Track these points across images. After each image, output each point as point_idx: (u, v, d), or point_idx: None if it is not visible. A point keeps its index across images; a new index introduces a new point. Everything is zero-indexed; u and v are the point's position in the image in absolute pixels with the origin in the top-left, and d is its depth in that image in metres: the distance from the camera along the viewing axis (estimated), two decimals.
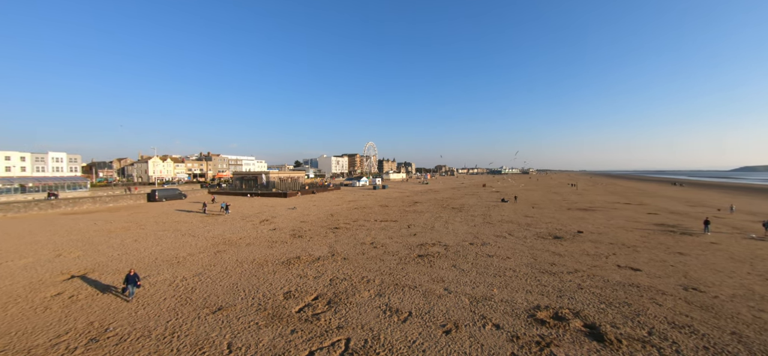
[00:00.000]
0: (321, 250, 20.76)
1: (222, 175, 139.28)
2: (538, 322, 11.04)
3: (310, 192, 68.57)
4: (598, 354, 9.20)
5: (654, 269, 17.15)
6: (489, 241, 23.57)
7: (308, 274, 16.01)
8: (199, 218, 34.14)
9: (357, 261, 18.40)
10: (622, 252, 20.81)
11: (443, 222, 32.01)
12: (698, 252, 20.71)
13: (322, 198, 58.19)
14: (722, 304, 12.66)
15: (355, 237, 24.92)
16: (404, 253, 20.04)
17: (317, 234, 26.07)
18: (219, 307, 12.23)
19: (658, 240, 24.33)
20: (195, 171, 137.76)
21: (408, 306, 12.28)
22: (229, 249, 20.85)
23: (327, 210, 41.81)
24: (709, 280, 15.43)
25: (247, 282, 14.93)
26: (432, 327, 10.70)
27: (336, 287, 14.29)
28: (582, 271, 16.65)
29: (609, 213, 40.00)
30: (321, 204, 49.22)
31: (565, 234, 26.62)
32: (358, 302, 12.69)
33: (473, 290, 13.95)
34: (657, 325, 10.88)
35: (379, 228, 28.89)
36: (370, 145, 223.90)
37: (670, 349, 9.45)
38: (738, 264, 18.25)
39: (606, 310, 12.02)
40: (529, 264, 17.79)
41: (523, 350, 9.39)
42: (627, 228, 29.80)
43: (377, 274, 16.03)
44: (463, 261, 18.26)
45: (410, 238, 24.48)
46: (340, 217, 35.23)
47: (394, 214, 37.93)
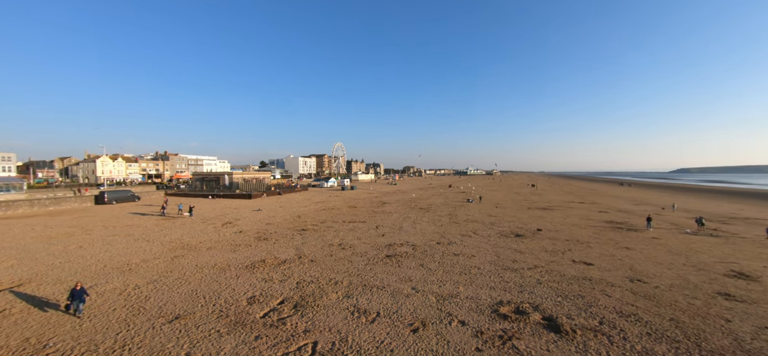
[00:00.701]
0: (287, 253, 20.24)
1: (180, 175, 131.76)
2: (501, 317, 11.49)
3: (276, 194, 66.70)
4: (555, 345, 9.72)
5: (604, 263, 18.46)
6: (455, 240, 24.19)
7: (274, 278, 15.54)
8: (155, 221, 32.02)
9: (325, 263, 18.14)
10: (576, 248, 22.20)
11: (411, 223, 32.42)
12: (642, 247, 22.57)
13: (288, 200, 56.80)
14: (662, 293, 13.88)
15: (323, 238, 24.57)
16: (372, 254, 20.04)
17: (283, 236, 25.40)
18: (176, 316, 11.53)
19: (608, 236, 26.24)
20: (150, 171, 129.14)
21: (376, 307, 12.29)
22: (188, 254, 19.75)
23: (294, 211, 40.88)
24: (651, 272, 16.87)
25: (208, 288, 14.22)
26: (400, 327, 10.79)
27: (303, 290, 13.99)
28: (541, 267, 17.55)
29: (565, 212, 42.54)
30: (287, 205, 48.04)
31: (525, 232, 27.94)
32: (326, 304, 12.51)
33: (440, 288, 14.24)
34: (607, 315, 11.72)
35: (348, 229, 28.70)
36: (339, 146, 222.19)
37: (618, 336, 10.21)
38: (675, 256, 20.11)
39: (562, 303, 12.75)
40: (492, 262, 18.47)
41: (487, 345, 9.72)
42: (581, 225, 31.85)
43: (345, 276, 15.90)
44: (430, 261, 18.59)
45: (378, 239, 24.54)
46: (307, 219, 34.58)
47: (362, 215, 37.85)
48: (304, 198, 59.96)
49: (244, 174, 77.83)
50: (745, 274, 16.57)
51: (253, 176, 78.90)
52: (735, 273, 16.84)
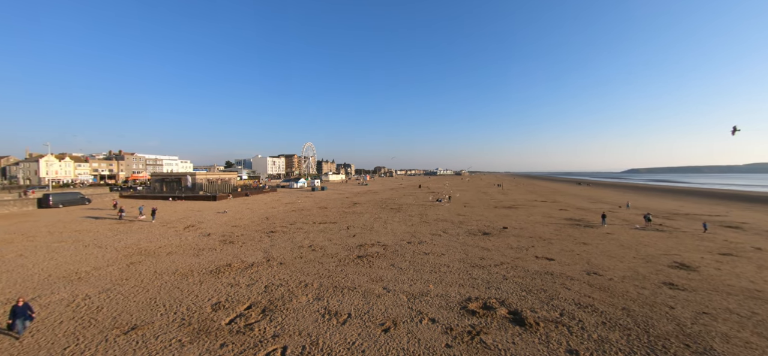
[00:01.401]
0: (255, 256, 19.60)
1: (138, 176, 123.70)
2: (470, 313, 11.80)
3: (243, 195, 64.41)
4: (520, 337, 10.14)
5: (564, 258, 19.52)
6: (425, 240, 24.57)
7: (240, 282, 14.99)
8: (108, 226, 29.81)
9: (294, 265, 17.75)
10: (539, 244, 23.30)
11: (382, 223, 32.52)
12: (598, 242, 24.11)
13: (256, 201, 55.03)
14: (615, 285, 14.90)
15: (293, 240, 24.04)
16: (344, 255, 19.89)
17: (251, 239, 24.57)
18: (132, 326, 10.80)
19: (568, 233, 27.78)
20: (103, 172, 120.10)
21: (347, 308, 12.20)
22: (146, 260, 18.56)
23: (262, 213, 39.66)
24: (606, 265, 18.05)
25: (168, 295, 13.44)
26: (371, 327, 10.78)
27: (271, 294, 13.60)
28: (507, 263, 18.25)
29: (529, 210, 44.54)
30: (255, 207, 46.53)
31: (492, 230, 28.93)
32: (296, 308, 12.24)
33: (411, 287, 14.40)
34: (567, 307, 12.39)
35: (318, 230, 28.28)
36: (309, 146, 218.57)
37: (577, 327, 10.83)
38: (627, 250, 21.66)
39: (526, 297, 13.33)
40: (461, 260, 18.95)
41: (457, 340, 9.95)
42: (543, 223, 33.48)
43: (316, 278, 15.65)
44: (401, 260, 18.74)
45: (349, 239, 24.39)
46: (276, 220, 33.69)
47: (333, 216, 37.47)
48: (272, 200, 58.34)
49: (208, 174, 74.41)
50: (686, 265, 18.18)
51: (218, 177, 75.73)
52: (677, 264, 18.43)
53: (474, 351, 9.41)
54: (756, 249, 22.39)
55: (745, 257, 20.14)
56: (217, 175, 78.33)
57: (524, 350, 9.45)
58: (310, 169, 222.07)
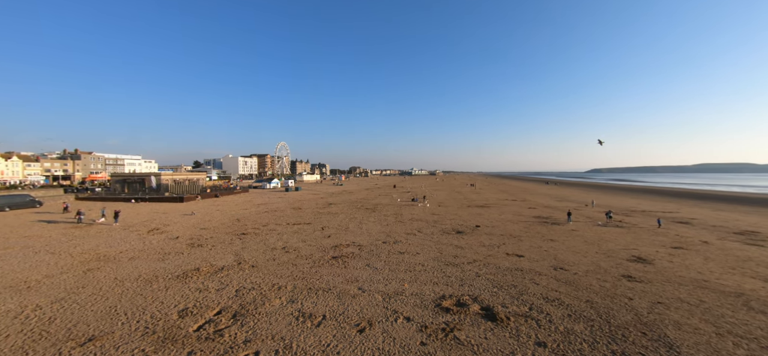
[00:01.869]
0: (225, 259, 18.92)
1: (96, 177, 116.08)
2: (444, 310, 12.00)
3: (212, 196, 62.06)
4: (492, 332, 10.42)
5: (533, 254, 20.29)
6: (400, 239, 24.73)
7: (209, 287, 14.41)
8: (62, 230, 27.75)
9: (267, 267, 17.31)
10: (510, 241, 24.08)
11: (357, 223, 32.41)
12: (564, 238, 25.26)
13: (227, 202, 53.19)
14: (580, 279, 15.67)
15: (265, 242, 23.43)
16: (318, 256, 19.63)
17: (221, 241, 23.70)
18: (90, 337, 10.10)
19: (536, 230, 28.91)
20: (57, 172, 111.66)
21: (322, 310, 12.04)
22: (105, 267, 17.44)
23: (233, 214, 38.38)
24: (571, 260, 18.94)
25: (130, 303, 12.69)
26: (346, 328, 10.70)
27: (243, 298, 13.18)
28: (479, 261, 18.71)
29: (500, 209, 45.95)
30: (226, 208, 44.95)
31: (465, 228, 29.59)
32: (269, 311, 11.93)
33: (386, 287, 14.43)
34: (535, 301, 12.88)
35: (292, 231, 27.75)
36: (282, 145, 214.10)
37: (545, 320, 11.28)
38: (590, 246, 22.85)
39: (498, 293, 13.73)
40: (435, 258, 19.23)
41: (431, 338, 10.08)
42: (513, 221, 34.65)
43: (289, 280, 15.34)
44: (376, 260, 18.75)
45: (324, 240, 24.11)
46: (247, 222, 32.71)
47: (307, 217, 36.89)
48: (244, 201, 56.61)
49: (174, 175, 71.03)
50: (643, 259, 19.43)
51: (186, 177, 72.54)
52: (635, 257, 19.65)
53: (448, 347, 9.57)
54: (703, 242, 24.31)
55: (693, 250, 21.81)
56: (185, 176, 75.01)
57: (496, 344, 9.73)
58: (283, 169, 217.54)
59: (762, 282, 15.41)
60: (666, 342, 9.91)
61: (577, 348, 9.58)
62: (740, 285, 14.87)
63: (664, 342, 9.86)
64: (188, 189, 62.25)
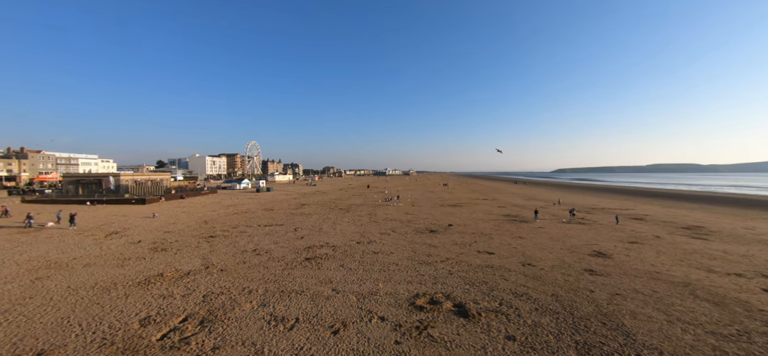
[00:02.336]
0: (192, 263, 18.10)
1: (46, 177, 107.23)
2: (417, 309, 12.13)
3: (178, 197, 59.19)
4: (464, 328, 10.67)
5: (503, 251, 20.99)
6: (375, 239, 24.75)
7: (174, 293, 13.72)
8: (5, 236, 25.39)
9: (237, 271, 16.73)
10: (481, 239, 24.76)
11: (331, 224, 32.09)
12: (531, 235, 26.32)
13: (193, 204, 50.91)
14: (546, 274, 16.38)
15: (235, 244, 22.65)
16: (291, 258, 19.23)
17: (187, 245, 22.63)
18: (38, 352, 9.31)
19: (506, 228, 29.92)
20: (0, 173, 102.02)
21: (295, 313, 11.81)
22: (57, 274, 16.15)
23: (200, 216, 36.79)
24: (538, 256, 19.77)
25: (85, 313, 11.83)
26: (320, 330, 10.56)
27: (211, 303, 12.66)
28: (452, 259, 19.10)
29: (472, 208, 47.14)
30: (192, 210, 43.01)
31: (439, 227, 30.10)
32: (239, 316, 11.54)
33: (360, 287, 14.39)
34: (505, 297, 13.33)
35: (263, 233, 27.01)
36: (253, 145, 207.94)
37: (514, 314, 11.70)
38: (555, 242, 23.95)
39: (470, 290, 14.07)
40: (409, 257, 19.41)
41: (405, 336, 10.16)
42: (484, 219, 35.66)
43: (261, 283, 14.91)
44: (350, 261, 18.65)
45: (297, 241, 23.67)
46: (216, 224, 31.47)
47: (279, 218, 36.06)
48: (212, 202, 54.42)
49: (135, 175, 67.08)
50: (603, 253, 20.63)
51: (148, 177, 68.75)
52: (596, 252, 20.83)
53: (422, 345, 9.69)
54: (655, 237, 26.19)
55: (647, 244, 23.44)
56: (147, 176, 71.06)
57: (468, 340, 9.96)
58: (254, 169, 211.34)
59: (706, 272, 16.83)
60: (623, 330, 10.58)
61: (544, 339, 10.01)
62: (687, 276, 16.16)
63: (621, 331, 10.51)
64: (151, 190, 58.94)
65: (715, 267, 17.80)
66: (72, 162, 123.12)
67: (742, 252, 21.28)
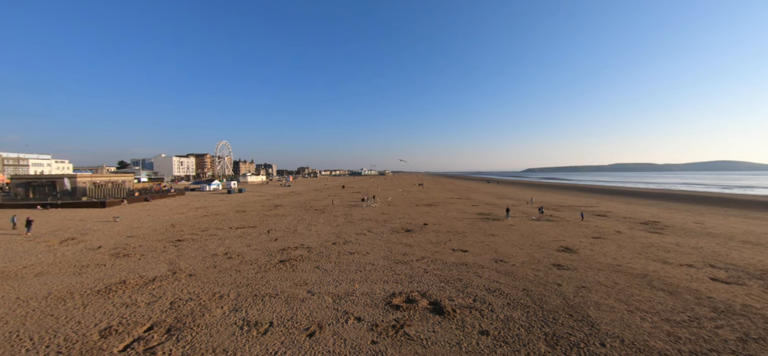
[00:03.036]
0: (157, 269, 17.22)
1: None
2: (394, 308, 12.19)
3: (142, 200, 56.17)
4: (439, 325, 10.82)
5: (476, 249, 21.50)
6: (351, 239, 24.62)
7: (138, 301, 12.99)
8: None
9: (207, 276, 16.09)
10: (455, 238, 25.25)
11: (306, 225, 31.60)
12: (503, 233, 27.15)
13: (159, 206, 48.49)
14: (517, 270, 16.95)
15: (205, 248, 21.78)
16: (264, 260, 18.75)
17: (152, 249, 21.52)
18: None
19: (479, 226, 30.68)
20: None
21: (269, 317, 11.51)
22: (3, 285, 14.85)
23: (166, 220, 35.08)
24: (510, 253, 20.42)
25: (38, 325, 10.96)
26: (295, 333, 10.36)
27: (179, 310, 12.10)
28: (427, 257, 19.34)
29: (446, 207, 47.97)
30: (158, 213, 40.95)
31: (414, 227, 30.39)
32: (209, 322, 11.10)
33: (336, 288, 14.26)
34: (478, 293, 13.66)
35: (235, 235, 26.16)
36: (223, 144, 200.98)
37: (488, 309, 12.02)
38: (525, 239, 24.83)
39: (445, 287, 14.31)
40: (385, 257, 19.46)
41: (382, 335, 10.17)
42: (458, 218, 36.39)
43: (232, 287, 14.43)
44: (326, 262, 18.44)
45: (271, 244, 23.11)
46: (184, 227, 30.13)
47: (252, 220, 35.07)
48: (180, 204, 52.07)
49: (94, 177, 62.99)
50: (569, 248, 21.62)
51: (109, 179, 64.77)
52: (563, 248, 21.80)
53: (398, 344, 9.74)
54: (617, 232, 27.78)
55: (609, 239, 24.81)
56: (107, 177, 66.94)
57: (443, 336, 10.12)
58: (225, 170, 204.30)
59: (661, 264, 18.04)
60: (588, 321, 11.13)
61: (516, 333, 10.35)
62: (645, 268, 17.25)
63: (586, 322, 11.06)
64: (112, 192, 55.47)
65: (670, 259, 19.12)
66: (21, 162, 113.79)
67: (692, 244, 23.00)
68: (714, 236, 26.02)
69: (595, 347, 9.52)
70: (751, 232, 27.65)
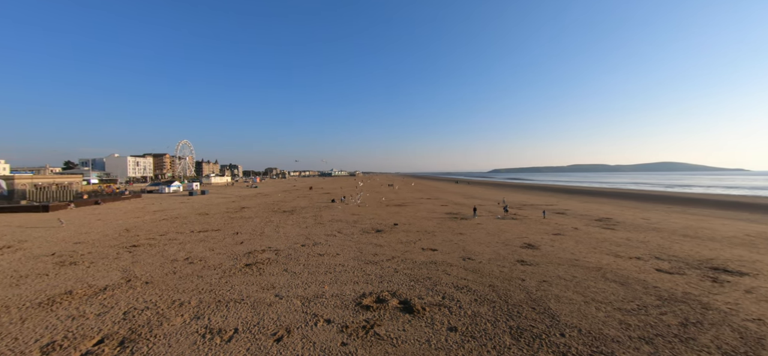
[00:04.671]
0: (109, 277, 15.99)
1: None
2: (364, 308, 12.14)
3: (92, 203, 52.01)
4: (409, 324, 10.92)
5: (445, 247, 21.95)
6: (320, 241, 24.24)
7: (87, 312, 11.99)
8: None
9: (166, 282, 15.17)
10: (425, 237, 25.62)
11: (274, 227, 30.74)
12: (470, 231, 27.93)
13: (112, 210, 45.12)
14: (484, 266, 17.49)
15: (164, 254, 20.54)
16: (229, 265, 17.99)
17: (103, 256, 19.96)
18: None
19: (448, 226, 31.36)
20: None
21: (233, 323, 11.05)
22: None
23: (120, 224, 32.71)
24: (477, 251, 21.04)
25: None
26: (262, 339, 10.01)
27: (133, 321, 11.30)
28: (397, 257, 19.46)
29: (416, 207, 48.59)
30: (110, 217, 38.08)
31: (384, 227, 30.49)
32: (168, 332, 10.46)
33: (305, 291, 13.97)
34: (447, 290, 13.94)
35: (197, 239, 24.90)
36: (185, 143, 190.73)
37: (456, 306, 12.29)
38: (491, 236, 25.71)
39: (414, 286, 14.46)
40: (356, 258, 19.35)
41: (352, 337, 10.09)
42: (428, 218, 36.99)
43: (194, 294, 13.70)
44: (294, 264, 18.03)
45: (236, 247, 22.23)
46: (140, 232, 28.24)
47: (216, 223, 33.56)
48: (136, 208, 48.76)
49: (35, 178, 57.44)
50: (532, 245, 22.65)
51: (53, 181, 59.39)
52: (526, 244, 22.79)
53: (369, 344, 9.70)
54: (574, 228, 29.49)
55: (568, 235, 26.28)
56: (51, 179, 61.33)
57: (413, 335, 10.22)
58: (186, 170, 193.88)
59: (613, 257, 19.36)
60: (549, 313, 11.71)
61: (483, 328, 10.66)
62: (599, 261, 18.44)
63: (548, 314, 11.62)
64: (56, 195, 50.82)
65: (621, 252, 20.58)
66: None
67: (640, 238, 24.91)
68: (659, 230, 28.34)
69: (555, 337, 10.03)
70: (690, 226, 30.44)
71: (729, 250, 21.04)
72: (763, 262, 18.20)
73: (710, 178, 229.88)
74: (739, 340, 9.82)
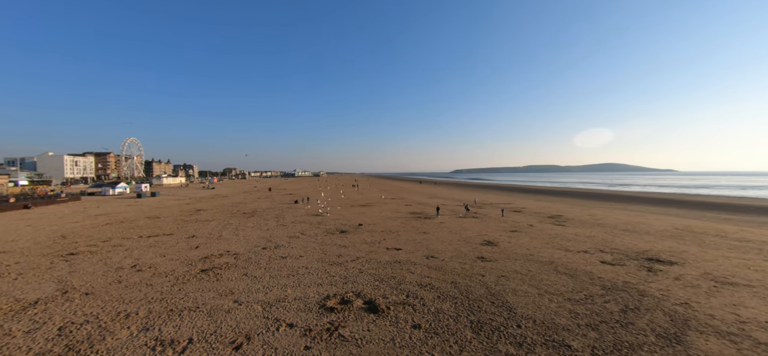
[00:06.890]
0: (41, 289, 14.37)
1: None
2: (328, 310, 11.96)
3: (20, 207, 46.49)
4: (374, 324, 10.93)
5: (409, 247, 22.26)
6: (283, 243, 23.55)
7: (14, 330, 10.68)
8: None
9: (109, 293, 13.92)
10: (389, 237, 25.80)
11: (233, 230, 29.38)
12: (434, 230, 28.57)
13: (45, 214, 40.62)
14: (446, 264, 17.96)
15: (107, 261, 18.85)
16: (182, 271, 16.90)
17: (34, 266, 17.91)
18: None
19: (412, 225, 31.83)
20: None
21: (187, 333, 10.39)
22: None
23: (54, 230, 29.54)
24: (440, 249, 21.56)
25: None
26: (219, 348, 9.52)
27: (70, 336, 10.24)
28: (362, 258, 19.41)
29: (381, 207, 48.81)
30: (43, 222, 34.26)
31: (349, 227, 30.29)
32: (112, 347, 9.60)
33: (266, 295, 13.49)
34: (411, 289, 14.14)
35: (146, 245, 23.13)
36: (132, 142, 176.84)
37: (420, 304, 12.50)
38: (453, 235, 26.48)
39: (379, 286, 14.51)
40: (319, 259, 19.03)
41: (315, 340, 9.90)
42: (392, 217, 37.29)
43: (142, 304, 12.71)
44: (255, 268, 17.35)
45: (191, 252, 20.95)
46: (79, 238, 25.69)
47: (168, 227, 31.40)
48: (73, 211, 44.30)
49: None
50: (491, 242, 23.64)
51: None
52: (486, 241, 23.74)
53: (333, 346, 9.57)
54: (530, 225, 31.21)
55: (523, 232, 27.76)
56: None
57: (378, 334, 10.24)
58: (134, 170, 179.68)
59: (564, 251, 20.75)
60: (507, 306, 12.28)
61: (445, 323, 10.94)
62: (552, 256, 19.67)
63: (506, 307, 12.19)
64: None
65: (570, 247, 22.10)
66: None
67: (587, 233, 26.93)
68: (603, 226, 30.83)
69: (513, 329, 10.54)
70: (630, 222, 33.43)
71: (661, 242, 23.38)
72: (689, 252, 20.44)
73: (646, 177, 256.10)
74: (670, 322, 10.94)
